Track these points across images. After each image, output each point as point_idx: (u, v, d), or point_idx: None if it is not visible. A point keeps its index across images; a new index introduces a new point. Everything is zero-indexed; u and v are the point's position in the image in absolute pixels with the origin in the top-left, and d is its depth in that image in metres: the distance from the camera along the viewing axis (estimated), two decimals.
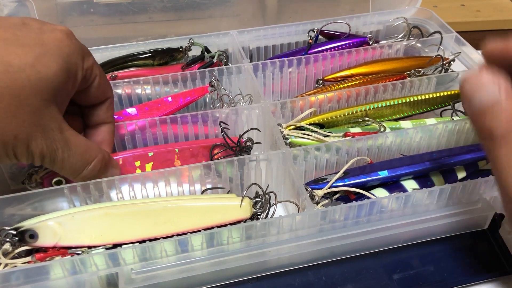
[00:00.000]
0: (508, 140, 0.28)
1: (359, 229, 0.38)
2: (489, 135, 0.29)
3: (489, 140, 0.29)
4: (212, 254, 0.36)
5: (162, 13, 0.62)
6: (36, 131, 0.33)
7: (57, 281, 0.35)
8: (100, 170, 0.38)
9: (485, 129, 0.29)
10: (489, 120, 0.29)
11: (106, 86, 0.40)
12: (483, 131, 0.29)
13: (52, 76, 0.33)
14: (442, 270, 0.39)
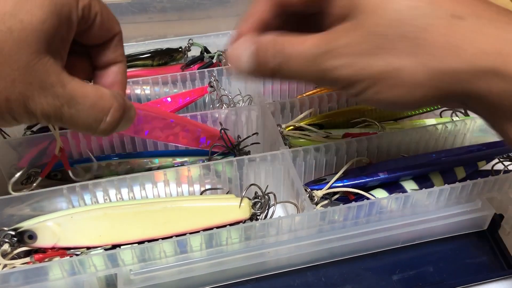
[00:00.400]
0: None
1: (358, 230, 0.38)
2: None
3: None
4: (211, 255, 0.36)
5: (161, 13, 0.62)
6: (31, 89, 0.28)
7: (56, 282, 0.35)
8: (120, 119, 0.32)
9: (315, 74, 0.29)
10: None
11: (111, 22, 0.34)
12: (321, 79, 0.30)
13: (39, 24, 0.28)
14: (442, 271, 0.39)
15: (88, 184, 0.40)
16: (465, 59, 0.26)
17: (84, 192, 0.40)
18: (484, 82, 0.26)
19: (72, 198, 0.40)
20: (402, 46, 0.27)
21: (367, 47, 0.27)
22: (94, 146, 0.46)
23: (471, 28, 0.26)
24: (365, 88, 0.28)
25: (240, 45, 0.31)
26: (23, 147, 0.44)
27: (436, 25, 0.26)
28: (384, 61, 0.27)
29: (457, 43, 0.26)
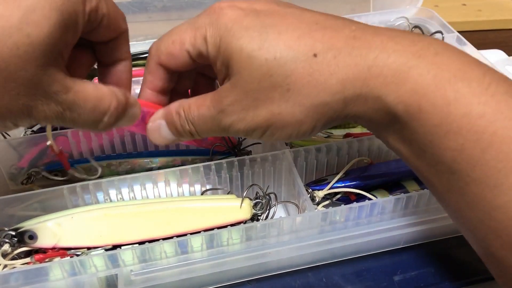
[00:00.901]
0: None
1: (359, 230, 0.38)
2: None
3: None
4: (212, 255, 0.36)
5: (162, 12, 0.61)
6: (35, 99, 0.29)
7: (57, 282, 0.35)
8: (118, 116, 0.33)
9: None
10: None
11: (118, 20, 0.34)
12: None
13: (46, 38, 0.27)
14: (444, 272, 0.39)
15: (89, 184, 0.39)
16: (331, 92, 0.29)
17: (84, 192, 0.40)
18: (353, 106, 0.29)
19: (72, 198, 0.40)
20: (275, 94, 0.30)
21: (247, 102, 0.30)
22: (95, 146, 0.46)
23: (330, 63, 0.29)
24: (261, 134, 0.31)
25: (154, 123, 0.35)
26: (23, 147, 0.44)
27: (298, 68, 0.29)
28: (265, 110, 0.30)
29: (320, 80, 0.29)
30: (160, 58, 0.34)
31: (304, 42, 0.29)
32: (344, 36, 0.30)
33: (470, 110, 0.27)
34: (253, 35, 0.30)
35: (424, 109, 0.28)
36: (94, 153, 0.46)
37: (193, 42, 0.32)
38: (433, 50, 0.29)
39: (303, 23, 0.30)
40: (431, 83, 0.27)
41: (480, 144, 0.27)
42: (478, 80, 0.27)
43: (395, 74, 0.28)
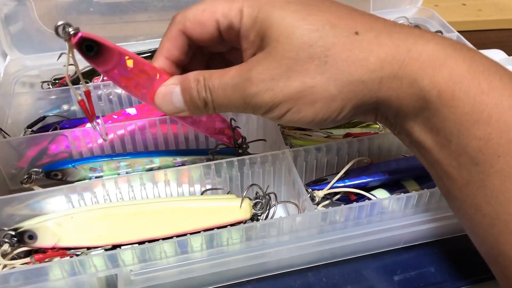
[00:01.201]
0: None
1: (359, 230, 0.38)
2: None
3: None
4: (212, 255, 0.36)
5: (162, 12, 0.61)
6: None
7: (56, 282, 0.35)
8: None
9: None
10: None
11: None
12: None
13: None
14: (444, 271, 0.39)
15: (89, 184, 0.39)
16: (368, 69, 0.29)
17: (84, 192, 0.40)
18: (387, 87, 0.30)
19: (72, 198, 0.40)
20: (311, 66, 0.30)
21: (280, 71, 0.30)
22: (95, 146, 0.46)
23: (371, 41, 0.29)
24: (286, 110, 0.31)
25: (167, 87, 0.34)
26: (23, 147, 0.44)
27: (339, 43, 0.29)
28: (298, 81, 0.30)
29: (359, 56, 0.29)
30: (185, 24, 0.33)
31: (345, 22, 0.30)
32: (383, 21, 0.31)
33: (501, 101, 0.28)
34: (297, 8, 0.30)
35: (457, 96, 0.28)
36: (94, 153, 0.46)
37: (226, 12, 0.32)
38: (467, 47, 0.30)
39: (344, 8, 0.31)
40: (466, 71, 0.28)
41: (507, 134, 0.27)
42: (508, 76, 0.28)
43: (432, 59, 0.29)
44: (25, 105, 0.51)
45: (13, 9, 0.57)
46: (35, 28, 0.58)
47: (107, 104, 0.52)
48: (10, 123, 0.50)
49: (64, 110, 0.51)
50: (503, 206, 0.28)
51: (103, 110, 0.52)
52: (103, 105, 0.52)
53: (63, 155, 0.45)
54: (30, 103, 0.51)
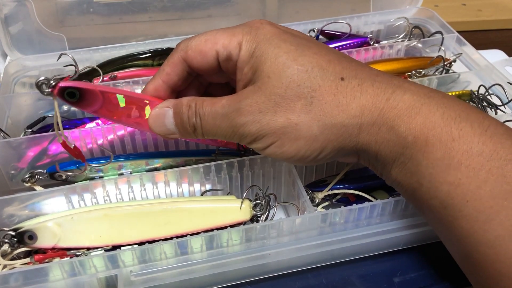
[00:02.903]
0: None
1: (359, 232, 0.38)
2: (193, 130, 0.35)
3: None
4: (211, 256, 0.36)
5: (162, 12, 0.61)
6: None
7: (56, 282, 0.35)
8: None
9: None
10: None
11: None
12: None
13: None
14: (444, 273, 0.39)
15: (89, 185, 0.39)
16: (350, 114, 0.31)
17: (84, 193, 0.40)
18: (366, 132, 0.32)
19: (72, 198, 0.40)
20: (298, 104, 0.31)
21: (268, 105, 0.32)
22: (94, 146, 0.46)
23: (354, 88, 0.31)
24: (270, 143, 0.32)
25: (161, 109, 0.35)
26: (23, 147, 0.44)
27: (325, 85, 0.31)
28: (284, 117, 0.32)
29: (343, 101, 0.31)
30: (187, 53, 0.35)
31: (334, 66, 0.32)
32: (368, 70, 0.33)
33: (471, 147, 0.29)
34: (291, 48, 0.32)
35: (430, 142, 0.30)
36: (94, 153, 0.46)
37: (226, 44, 0.34)
38: (441, 94, 0.32)
39: (333, 52, 0.33)
40: (439, 119, 0.30)
41: (476, 180, 0.29)
42: (479, 122, 0.30)
43: (408, 108, 0.31)
44: (25, 105, 0.51)
45: (13, 9, 0.57)
46: (35, 28, 0.58)
47: None
48: (10, 124, 0.50)
49: (64, 111, 0.51)
50: (473, 247, 0.29)
51: None
52: None
53: (63, 156, 0.45)
54: (30, 104, 0.51)
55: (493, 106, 0.50)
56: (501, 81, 0.52)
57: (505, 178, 0.28)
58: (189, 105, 0.34)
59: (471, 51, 0.58)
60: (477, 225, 0.29)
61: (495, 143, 0.29)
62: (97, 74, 0.54)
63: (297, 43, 0.33)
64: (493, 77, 0.53)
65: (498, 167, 0.28)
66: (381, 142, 0.32)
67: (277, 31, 0.33)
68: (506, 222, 0.28)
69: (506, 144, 0.29)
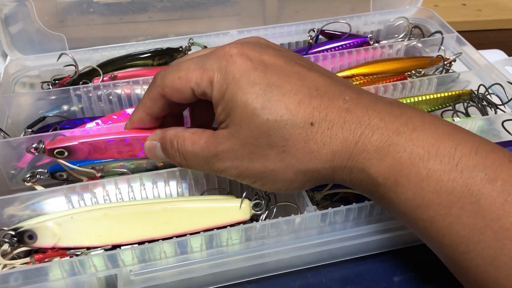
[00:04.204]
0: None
1: (359, 231, 0.38)
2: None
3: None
4: (211, 255, 0.36)
5: (162, 12, 0.62)
6: None
7: (56, 282, 0.35)
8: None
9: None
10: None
11: None
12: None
13: None
14: (444, 272, 0.39)
15: (88, 184, 0.40)
16: (321, 160, 0.32)
17: (84, 192, 0.40)
18: (339, 173, 0.32)
19: (72, 198, 0.40)
20: (271, 152, 0.32)
21: (244, 153, 0.33)
22: None
23: (324, 133, 0.31)
24: (252, 182, 0.34)
25: (150, 141, 0.37)
26: (23, 147, 0.44)
27: (295, 134, 0.31)
28: (260, 164, 0.33)
29: (314, 148, 0.32)
30: (164, 90, 0.35)
31: (304, 109, 0.31)
32: (338, 107, 0.32)
33: (440, 187, 0.29)
34: (259, 92, 0.32)
35: (400, 183, 0.30)
36: None
37: (199, 82, 0.33)
38: (411, 125, 0.31)
39: (305, 87, 0.32)
40: (406, 160, 0.30)
41: (448, 217, 0.29)
42: (449, 155, 0.29)
43: (376, 150, 0.31)
44: (25, 105, 0.51)
45: (13, 9, 0.57)
46: (35, 28, 0.59)
47: (107, 104, 0.52)
48: (10, 123, 0.50)
49: (64, 111, 0.51)
50: (458, 271, 0.31)
51: (103, 110, 0.52)
52: (103, 106, 0.52)
53: None
54: (30, 104, 0.51)
55: (493, 105, 0.50)
56: (501, 81, 0.52)
57: (479, 214, 0.28)
58: (172, 142, 0.35)
59: (471, 51, 0.58)
60: (457, 255, 0.29)
61: (466, 178, 0.29)
62: (97, 74, 0.54)
63: (266, 83, 0.32)
64: (493, 77, 0.53)
65: (470, 203, 0.28)
66: (355, 181, 0.32)
67: (247, 67, 0.32)
68: (485, 254, 0.28)
69: (477, 178, 0.28)
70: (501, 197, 0.28)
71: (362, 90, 0.34)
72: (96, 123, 0.48)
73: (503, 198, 0.28)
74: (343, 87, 0.33)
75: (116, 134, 0.39)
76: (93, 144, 0.39)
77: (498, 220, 0.28)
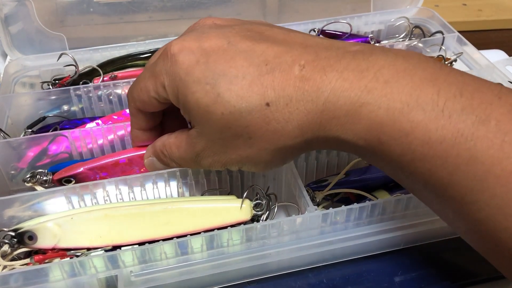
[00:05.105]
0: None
1: (360, 231, 0.38)
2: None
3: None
4: (212, 256, 0.36)
5: (162, 12, 0.61)
6: None
7: (56, 283, 0.35)
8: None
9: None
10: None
11: None
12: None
13: None
14: (444, 272, 0.39)
15: (89, 185, 0.39)
16: (290, 136, 0.30)
17: (84, 193, 0.39)
18: (316, 144, 0.31)
19: (72, 198, 0.39)
20: (239, 141, 0.31)
21: (216, 149, 0.33)
22: (95, 146, 0.45)
23: (283, 111, 0.29)
24: (239, 168, 0.34)
25: (147, 159, 0.39)
26: (23, 147, 0.44)
27: (254, 118, 0.30)
28: (235, 154, 0.32)
29: (277, 127, 0.30)
30: (136, 104, 0.35)
31: (256, 91, 0.30)
32: (293, 78, 0.29)
33: (429, 137, 0.26)
34: (206, 88, 0.30)
35: (384, 142, 0.28)
36: (94, 153, 0.46)
37: (155, 89, 0.33)
38: (382, 78, 0.28)
39: (252, 65, 0.30)
40: (384, 117, 0.27)
41: (446, 168, 0.26)
42: (433, 102, 0.27)
43: (347, 114, 0.28)
44: (25, 105, 0.51)
45: (13, 9, 0.56)
46: (35, 28, 0.58)
47: (107, 104, 0.52)
48: (10, 124, 0.50)
49: (64, 111, 0.51)
50: (470, 224, 0.28)
51: (103, 110, 0.52)
52: (103, 106, 0.52)
53: (63, 156, 0.45)
54: (30, 104, 0.51)
55: None
56: (502, 81, 0.51)
57: (477, 159, 0.25)
58: (163, 152, 0.37)
59: (472, 51, 0.57)
60: (465, 207, 0.27)
61: (456, 123, 0.26)
62: (97, 74, 0.54)
63: (212, 75, 0.30)
64: (494, 77, 0.53)
65: (466, 149, 0.26)
66: (335, 147, 0.31)
67: (190, 62, 0.31)
68: (492, 203, 0.26)
69: (468, 121, 0.26)
70: (498, 138, 0.25)
71: (322, 46, 0.31)
72: (96, 123, 0.48)
73: (500, 138, 0.25)
74: (297, 50, 0.30)
75: (117, 154, 0.41)
76: (99, 167, 0.41)
77: (499, 164, 0.25)
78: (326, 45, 0.31)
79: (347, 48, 0.30)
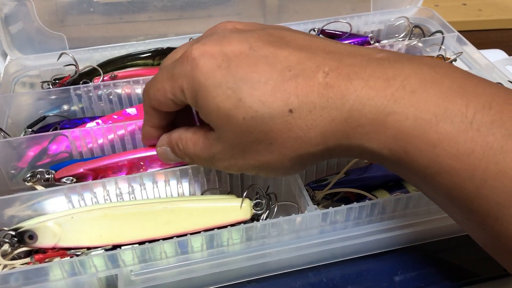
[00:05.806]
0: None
1: (360, 231, 0.38)
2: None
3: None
4: (212, 255, 0.36)
5: (162, 12, 0.61)
6: None
7: (56, 282, 0.35)
8: None
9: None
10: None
11: None
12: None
13: None
14: (445, 272, 0.39)
15: (89, 184, 0.39)
16: (312, 144, 0.30)
17: (84, 192, 0.40)
18: (338, 153, 0.30)
19: (72, 198, 0.39)
20: (259, 147, 0.31)
21: (234, 153, 0.32)
22: (95, 146, 0.45)
23: (306, 118, 0.29)
24: (255, 173, 0.34)
25: (160, 147, 0.38)
26: (23, 147, 0.44)
27: (275, 125, 0.29)
28: (254, 159, 0.32)
29: (300, 134, 0.29)
30: (151, 102, 0.35)
31: (279, 97, 0.29)
32: (317, 84, 0.29)
33: (457, 149, 0.26)
34: (228, 92, 0.30)
35: (410, 153, 0.27)
36: (94, 153, 0.46)
37: (173, 92, 0.33)
38: (410, 88, 0.27)
39: (275, 71, 0.30)
40: (411, 128, 0.27)
41: (473, 181, 0.26)
42: (461, 114, 0.26)
43: (373, 123, 0.28)
44: (25, 105, 0.51)
45: (13, 9, 0.57)
46: (35, 28, 0.58)
47: (107, 104, 0.52)
48: (10, 123, 0.50)
49: (64, 110, 0.51)
50: (492, 237, 0.27)
51: (103, 110, 0.52)
52: (103, 105, 0.52)
53: (63, 155, 0.45)
54: (30, 103, 0.51)
55: None
56: (502, 80, 0.51)
57: (506, 174, 0.25)
58: (177, 145, 0.36)
59: (472, 50, 0.58)
60: (489, 220, 0.26)
61: (486, 136, 0.25)
62: (97, 74, 0.54)
63: (233, 80, 0.30)
64: (494, 76, 0.53)
65: (495, 163, 0.25)
66: (357, 155, 0.31)
67: (211, 67, 0.30)
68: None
69: (498, 134, 0.25)
70: None
71: (345, 52, 0.30)
72: (96, 122, 0.48)
73: None
74: (321, 57, 0.30)
75: (124, 154, 0.41)
76: (103, 166, 0.42)
77: None
78: (349, 52, 0.30)
79: (372, 55, 0.30)
